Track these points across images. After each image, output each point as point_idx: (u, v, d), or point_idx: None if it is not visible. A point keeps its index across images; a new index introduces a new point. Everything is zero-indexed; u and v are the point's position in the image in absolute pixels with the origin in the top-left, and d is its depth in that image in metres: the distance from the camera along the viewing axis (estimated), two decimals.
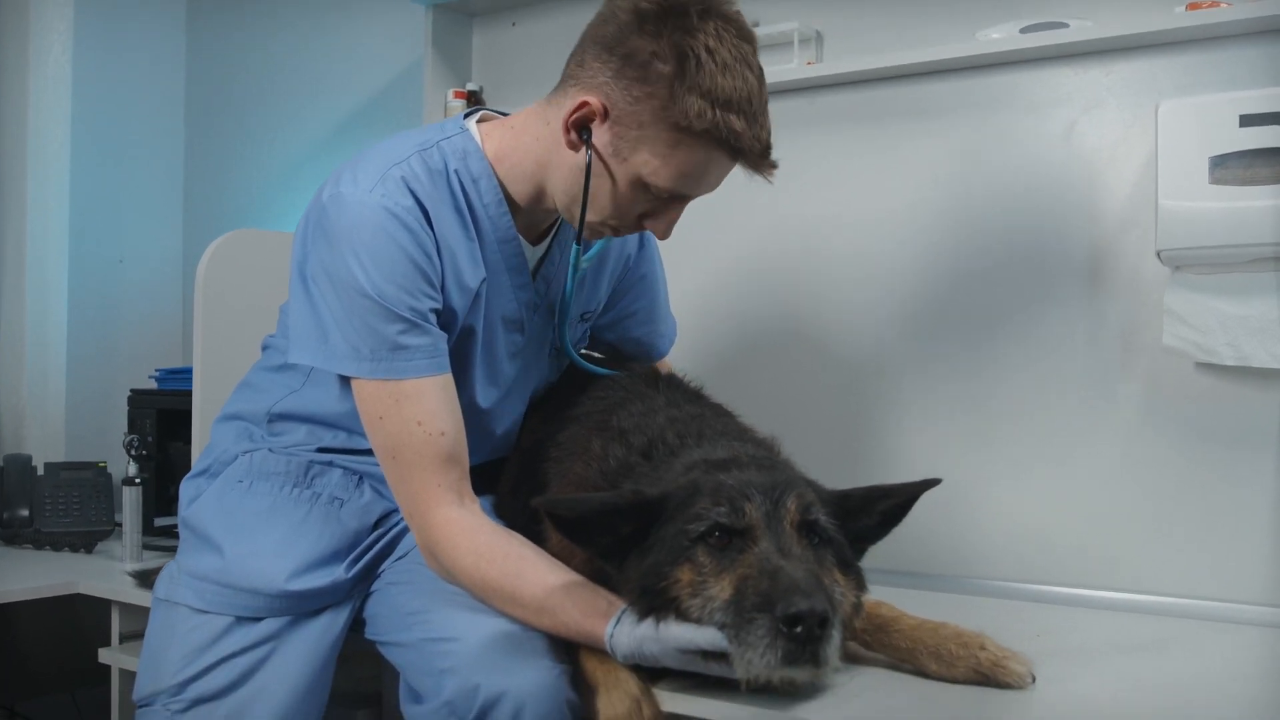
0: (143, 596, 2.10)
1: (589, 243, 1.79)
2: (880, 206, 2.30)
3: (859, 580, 1.44)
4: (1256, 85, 1.87)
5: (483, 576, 1.53)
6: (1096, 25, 2.03)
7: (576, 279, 1.79)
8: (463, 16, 2.95)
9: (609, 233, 1.71)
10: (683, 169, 1.58)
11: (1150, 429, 2.02)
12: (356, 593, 1.74)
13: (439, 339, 1.63)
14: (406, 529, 1.73)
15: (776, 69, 2.36)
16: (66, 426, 3.21)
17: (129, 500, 2.41)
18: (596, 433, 1.64)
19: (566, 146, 1.63)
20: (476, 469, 1.82)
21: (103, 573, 2.34)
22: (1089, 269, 2.08)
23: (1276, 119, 1.80)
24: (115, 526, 2.66)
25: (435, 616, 1.55)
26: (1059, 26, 2.06)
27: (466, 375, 1.75)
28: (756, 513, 1.35)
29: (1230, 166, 1.85)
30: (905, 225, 2.28)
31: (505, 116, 1.80)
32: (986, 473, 2.17)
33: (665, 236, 1.71)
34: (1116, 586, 2.03)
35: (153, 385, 2.97)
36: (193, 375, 2.41)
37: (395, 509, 1.77)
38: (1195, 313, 1.91)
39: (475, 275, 1.70)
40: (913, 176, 2.27)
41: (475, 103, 2.85)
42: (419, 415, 1.58)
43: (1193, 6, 1.94)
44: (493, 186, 1.72)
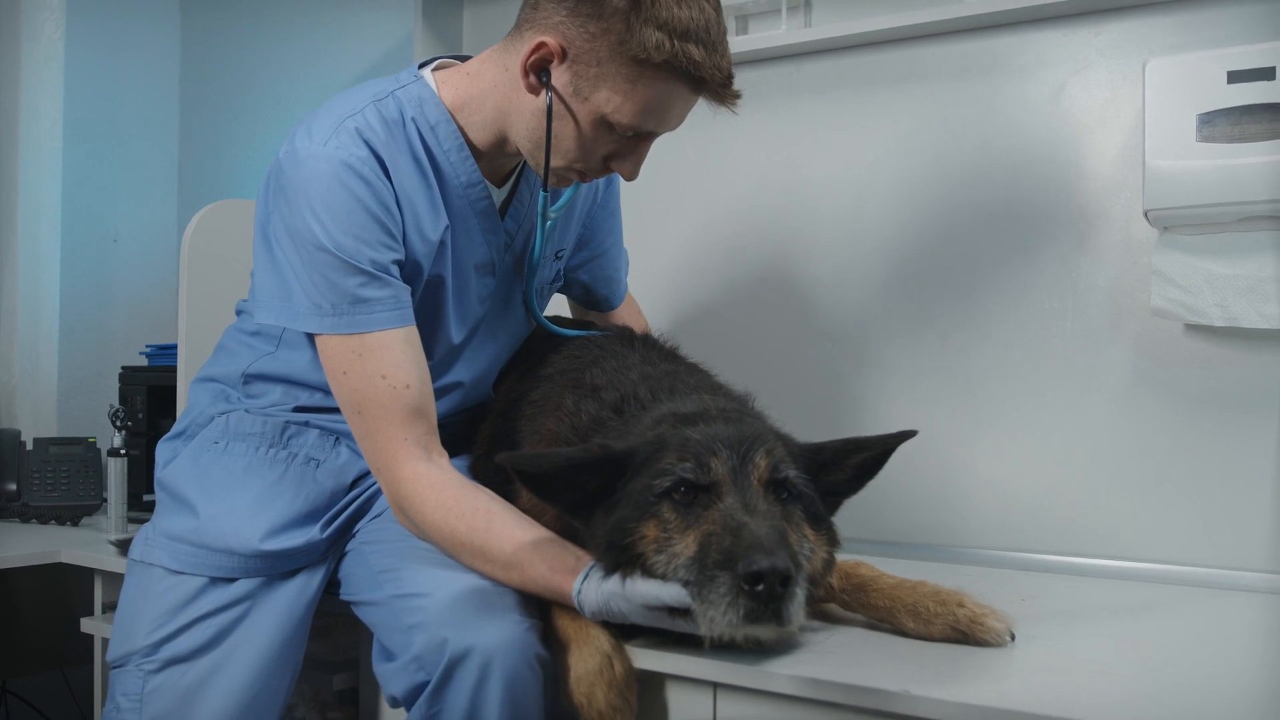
0: (125, 565, 2.09)
1: (556, 191, 1.78)
2: (868, 171, 2.28)
3: (830, 535, 1.42)
4: (1245, 41, 1.84)
5: (451, 531, 1.51)
6: None
7: (547, 230, 1.78)
8: None
9: (575, 177, 1.69)
10: (645, 104, 1.56)
11: (1139, 393, 1.99)
12: (332, 553, 1.73)
13: (401, 291, 1.61)
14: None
15: (765, 35, 2.34)
16: (59, 403, 3.21)
17: (114, 471, 2.40)
18: (570, 390, 1.62)
19: (526, 90, 1.61)
20: (454, 429, 1.82)
21: (87, 543, 2.33)
22: (1077, 232, 2.06)
23: (1265, 74, 1.78)
24: (103, 501, 2.66)
25: (405, 574, 1.54)
26: None
27: (439, 321, 1.73)
28: (723, 468, 1.33)
29: (1218, 124, 1.82)
30: (893, 190, 2.25)
31: (462, 63, 1.78)
32: (972, 438, 2.14)
33: (633, 177, 1.69)
34: (1105, 553, 2.00)
35: (144, 362, 2.97)
36: (178, 345, 2.40)
37: None
38: (1184, 273, 1.88)
39: (437, 224, 1.68)
40: (901, 141, 2.24)
41: None
42: (383, 368, 1.57)
43: None
44: (452, 132, 1.70)
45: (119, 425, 2.43)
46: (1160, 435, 1.97)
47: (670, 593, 1.30)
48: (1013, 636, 1.45)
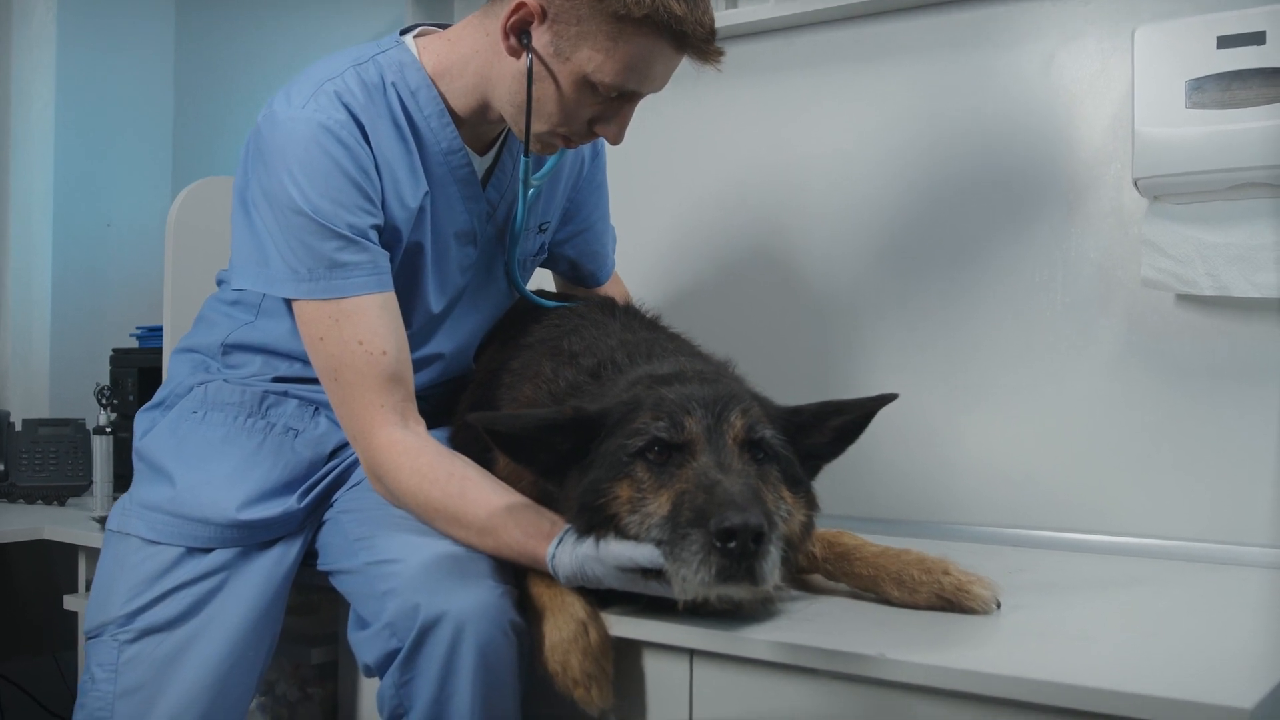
0: None
1: (540, 157, 1.76)
2: (856, 145, 2.25)
3: (809, 499, 1.40)
4: (1235, 6, 1.81)
5: (426, 497, 1.50)
6: None
7: (529, 199, 1.76)
8: None
9: (560, 143, 1.67)
10: (627, 61, 1.54)
11: (1130, 365, 1.96)
12: (309, 524, 1.72)
13: (379, 256, 1.60)
14: None
15: (753, 8, 2.32)
16: (50, 386, 3.20)
17: (100, 449, 2.39)
18: (548, 357, 1.61)
19: (507, 53, 1.59)
20: (435, 400, 1.80)
21: (71, 521, 2.32)
22: (1067, 203, 2.03)
23: (1254, 39, 1.75)
24: (91, 483, 2.65)
25: (380, 540, 1.52)
26: None
27: (418, 289, 1.72)
28: (697, 427, 1.31)
29: (1208, 90, 1.79)
30: (882, 164, 2.23)
31: (443, 30, 1.76)
32: (961, 413, 2.12)
33: (618, 140, 1.67)
34: (1097, 529, 1.97)
35: (134, 344, 2.96)
36: (164, 325, 2.39)
37: None
38: (1174, 243, 1.85)
39: (416, 190, 1.67)
40: (890, 115, 2.22)
41: None
42: (359, 334, 1.55)
43: None
44: (433, 98, 1.68)
45: (104, 403, 2.42)
46: (1152, 407, 1.94)
47: (643, 553, 1.28)
48: (999, 605, 1.43)
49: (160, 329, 2.89)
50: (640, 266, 2.38)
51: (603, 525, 1.32)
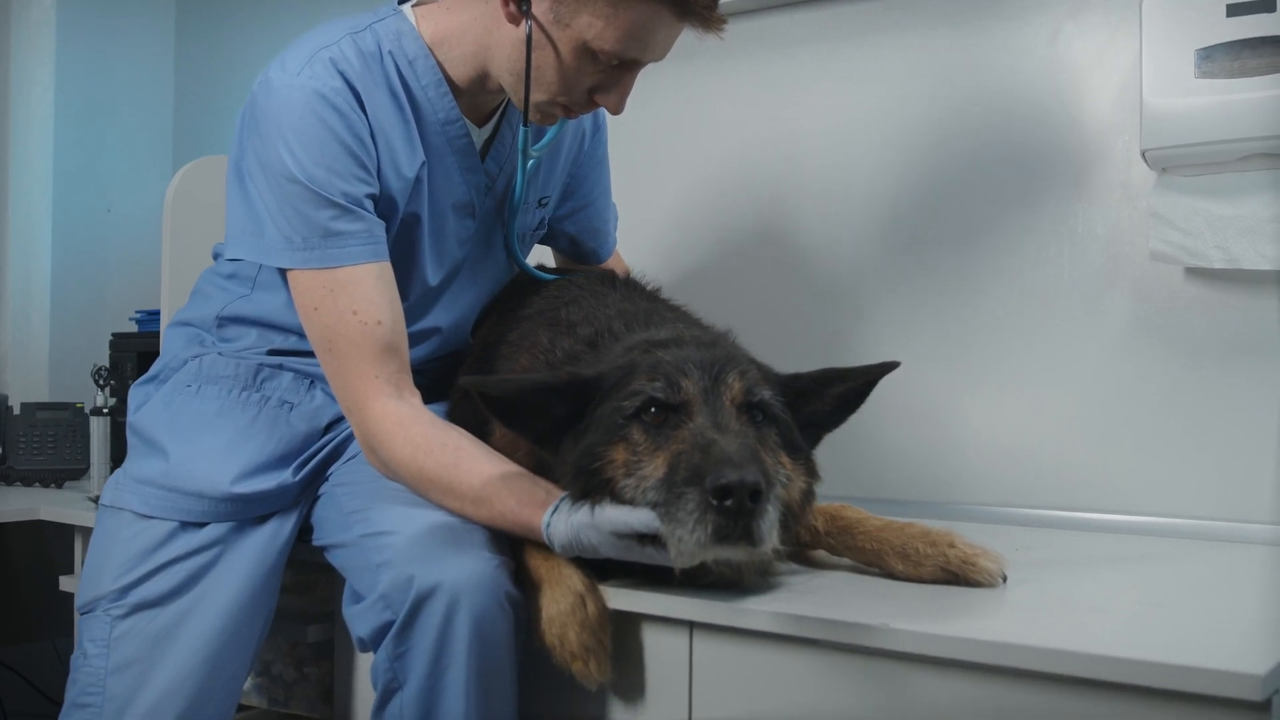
0: None
1: (539, 129, 1.73)
2: (861, 122, 2.23)
3: (810, 467, 1.37)
4: None
5: (420, 468, 1.47)
6: None
7: (528, 170, 1.73)
8: None
9: (560, 112, 1.65)
10: (627, 29, 1.52)
11: (1138, 340, 1.93)
12: (304, 499, 1.69)
13: (375, 225, 1.57)
14: None
15: None
16: (50, 371, 3.19)
17: (97, 430, 2.37)
18: (545, 327, 1.58)
19: (506, 21, 1.57)
20: (433, 374, 1.78)
21: (67, 502, 2.30)
22: (1074, 178, 2.00)
23: (1265, 6, 1.71)
24: (89, 465, 2.63)
25: (374, 513, 1.50)
26: None
27: (415, 261, 1.69)
28: (694, 388, 1.29)
29: (1217, 59, 1.76)
30: (886, 138, 2.20)
31: None
32: (967, 391, 2.08)
33: (618, 110, 1.64)
34: (1105, 507, 1.94)
35: (134, 328, 2.94)
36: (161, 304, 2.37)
37: None
38: (1182, 215, 1.82)
39: (413, 160, 1.64)
40: (894, 91, 2.19)
41: None
42: (354, 304, 1.53)
43: None
44: (430, 67, 1.66)
45: (101, 384, 2.40)
46: (1160, 383, 1.91)
47: (639, 517, 1.25)
48: (1005, 578, 1.40)
49: (159, 314, 2.88)
50: (642, 245, 2.36)
51: (598, 490, 1.29)
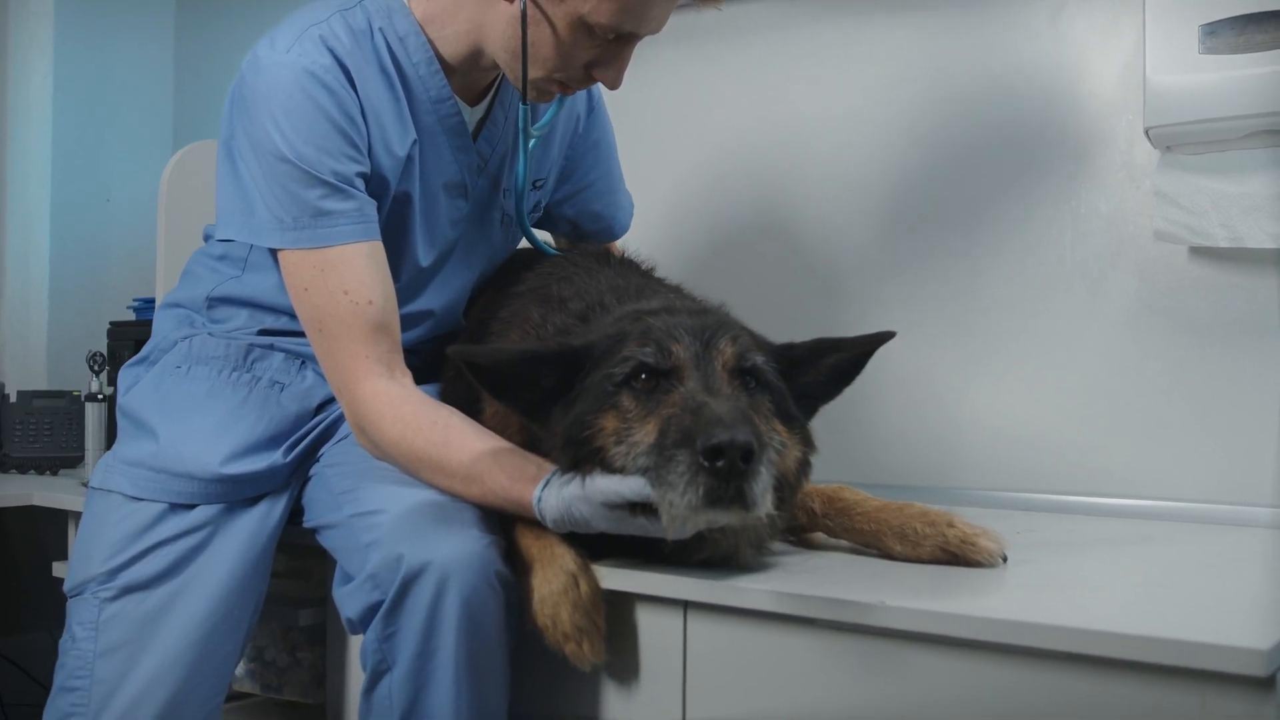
0: None
1: (539, 109, 1.71)
2: (861, 101, 2.20)
3: (805, 436, 1.35)
4: None
5: (410, 446, 1.45)
6: None
7: (529, 149, 1.71)
8: None
9: (556, 89, 1.63)
10: (623, 2, 1.49)
11: (1142, 322, 1.90)
12: (295, 480, 1.67)
13: (366, 204, 1.55)
14: None
15: None
16: (48, 360, 3.17)
17: (92, 416, 2.36)
18: (537, 303, 1.56)
19: None
20: (426, 356, 1.76)
21: (61, 488, 2.29)
22: (1077, 158, 1.97)
23: None
24: (85, 452, 2.61)
25: (364, 492, 1.48)
26: None
27: (405, 241, 1.67)
28: (685, 353, 1.26)
29: (1222, 34, 1.73)
30: (886, 119, 2.17)
31: None
32: (969, 375, 2.06)
33: (615, 85, 1.62)
34: (1109, 491, 1.91)
35: (131, 316, 2.93)
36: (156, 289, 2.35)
37: None
38: (1187, 194, 1.79)
39: (404, 138, 1.62)
40: (894, 71, 2.17)
41: None
42: (345, 284, 1.51)
43: None
44: (421, 44, 1.64)
45: (96, 370, 2.38)
46: (1165, 365, 1.88)
47: (630, 485, 1.23)
48: (1005, 559, 1.38)
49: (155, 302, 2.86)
50: (641, 229, 2.32)
51: (588, 459, 1.27)
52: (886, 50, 2.18)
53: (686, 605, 1.34)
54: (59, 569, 2.14)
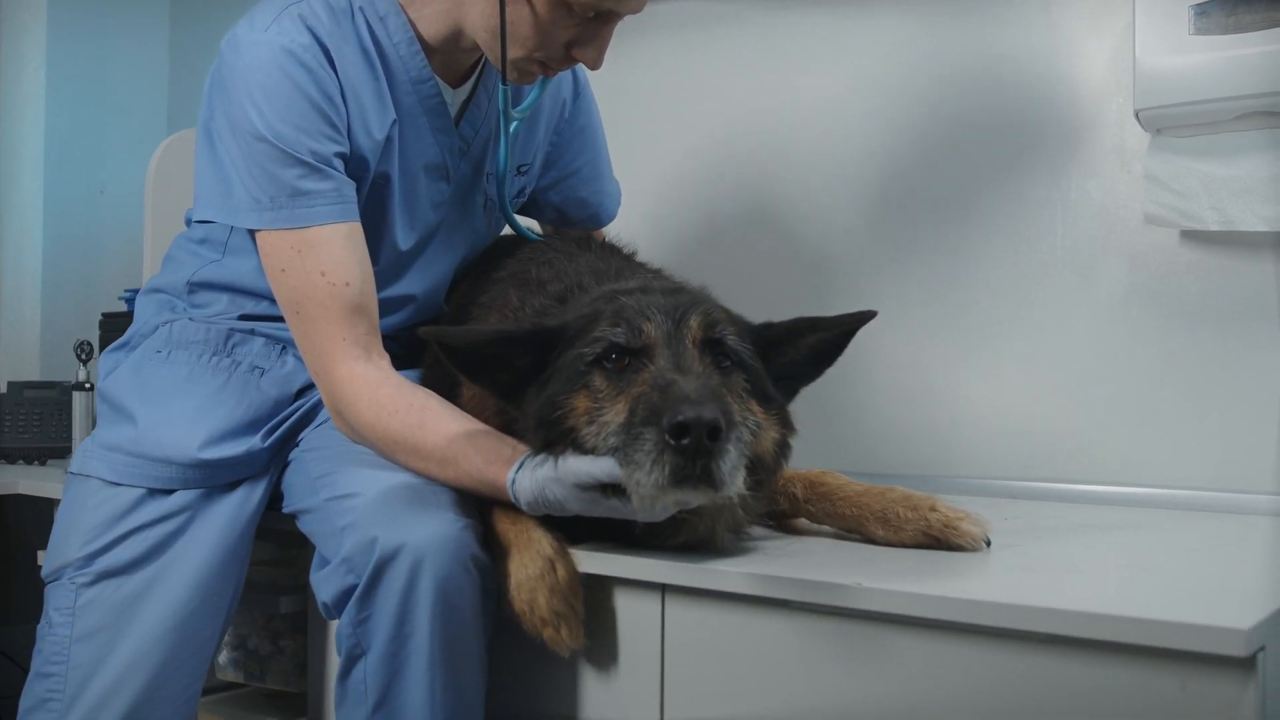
0: None
1: (520, 91, 1.69)
2: (850, 88, 2.18)
3: (783, 417, 1.33)
4: None
5: (385, 429, 1.44)
6: None
7: (511, 132, 1.69)
8: None
9: (537, 69, 1.61)
10: None
11: (1133, 307, 1.88)
12: (274, 466, 1.66)
13: (344, 185, 1.54)
14: None
15: None
16: (41, 351, 3.16)
17: (79, 405, 2.35)
18: (515, 287, 1.55)
19: None
20: (406, 342, 1.74)
21: (47, 477, 2.28)
22: (1067, 143, 1.95)
23: None
24: (73, 443, 2.61)
25: (340, 476, 1.47)
26: None
27: (385, 224, 1.66)
28: (656, 331, 1.25)
29: (1213, 15, 1.71)
30: (875, 108, 2.15)
31: None
32: (960, 362, 2.04)
33: (597, 65, 1.61)
34: (1101, 479, 1.89)
35: (123, 307, 2.92)
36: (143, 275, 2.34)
37: None
38: (1177, 176, 1.77)
39: (384, 119, 1.61)
40: (882, 57, 2.15)
41: None
42: (322, 265, 1.50)
43: None
44: (402, 24, 1.62)
45: (84, 359, 2.38)
46: (1157, 351, 1.86)
47: (601, 465, 1.21)
48: (989, 543, 1.36)
49: None
50: (630, 217, 2.31)
51: (560, 440, 1.26)
52: (876, 37, 2.16)
53: (664, 589, 1.33)
54: (44, 558, 2.13)
